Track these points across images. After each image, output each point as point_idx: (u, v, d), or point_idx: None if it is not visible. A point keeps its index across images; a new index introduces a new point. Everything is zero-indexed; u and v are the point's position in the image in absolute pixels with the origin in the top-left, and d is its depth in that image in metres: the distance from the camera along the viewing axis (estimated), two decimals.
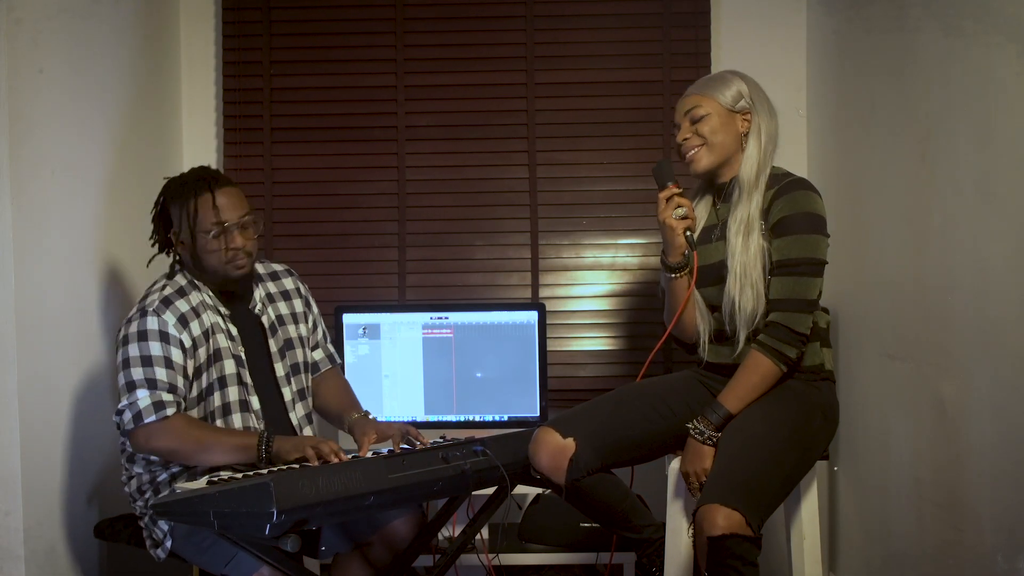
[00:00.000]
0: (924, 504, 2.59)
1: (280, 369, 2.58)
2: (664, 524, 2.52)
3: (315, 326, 2.73)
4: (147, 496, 2.45)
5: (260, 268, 2.67)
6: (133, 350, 2.38)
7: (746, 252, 2.38)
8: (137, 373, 2.37)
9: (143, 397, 2.35)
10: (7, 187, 2.43)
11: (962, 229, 2.39)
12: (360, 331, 3.25)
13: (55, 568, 2.62)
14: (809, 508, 2.57)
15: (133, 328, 2.40)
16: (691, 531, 2.24)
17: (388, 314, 3.26)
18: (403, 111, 3.55)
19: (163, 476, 2.45)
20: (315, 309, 2.74)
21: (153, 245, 2.55)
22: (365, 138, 3.56)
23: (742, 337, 2.42)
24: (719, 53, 3.52)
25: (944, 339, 2.47)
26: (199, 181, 2.46)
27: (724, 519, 2.13)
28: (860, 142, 3.04)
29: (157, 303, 2.42)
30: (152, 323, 2.39)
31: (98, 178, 2.92)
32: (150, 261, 2.55)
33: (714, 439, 2.34)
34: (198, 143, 3.60)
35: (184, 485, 2.28)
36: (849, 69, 3.17)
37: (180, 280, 2.49)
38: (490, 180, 3.56)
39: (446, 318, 3.25)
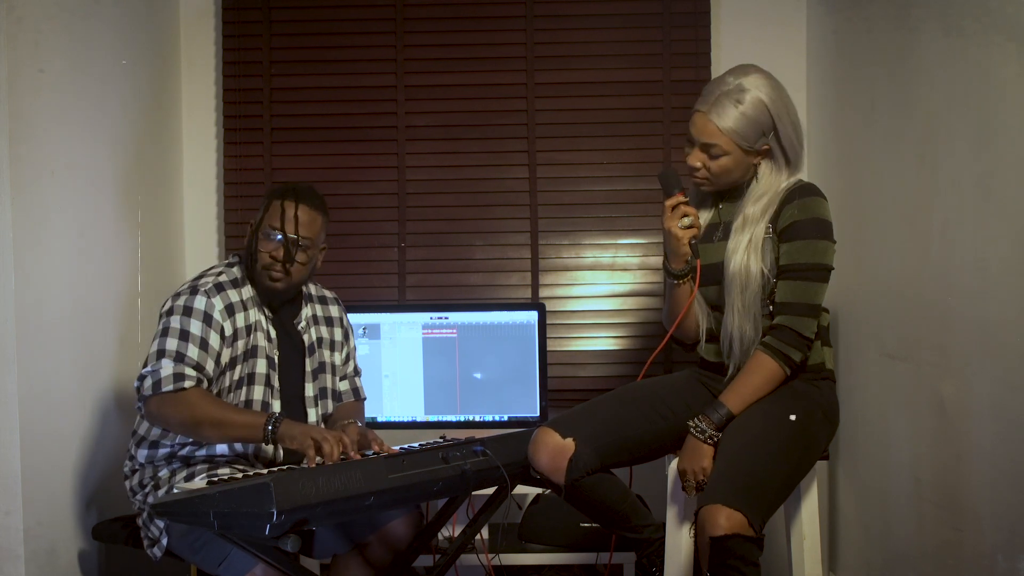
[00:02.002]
0: (924, 504, 2.59)
1: (310, 390, 2.61)
2: (664, 524, 2.52)
3: (348, 358, 2.76)
4: (147, 491, 2.46)
5: (312, 289, 2.71)
6: (175, 321, 2.41)
7: (747, 279, 2.37)
8: (171, 343, 2.38)
9: (166, 366, 2.36)
10: (7, 187, 2.43)
11: (962, 229, 2.38)
12: (360, 331, 3.25)
13: (55, 568, 2.62)
14: (809, 508, 2.57)
15: (181, 301, 2.43)
16: (692, 531, 2.24)
17: (388, 314, 3.26)
18: (403, 111, 3.55)
19: (164, 472, 2.46)
20: (352, 343, 2.77)
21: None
22: (365, 138, 3.56)
23: (732, 368, 2.44)
24: (719, 53, 3.52)
25: (944, 339, 2.47)
26: (290, 190, 2.51)
27: (726, 519, 2.13)
28: (860, 142, 3.04)
29: (210, 285, 2.45)
30: (200, 302, 2.42)
31: (98, 178, 2.92)
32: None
33: (715, 438, 2.34)
34: (198, 143, 3.60)
35: (184, 485, 2.28)
36: (849, 69, 3.16)
37: (236, 272, 2.53)
38: (490, 180, 3.56)
39: (446, 318, 3.25)
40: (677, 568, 2.42)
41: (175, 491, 2.28)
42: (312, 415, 2.60)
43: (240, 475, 2.24)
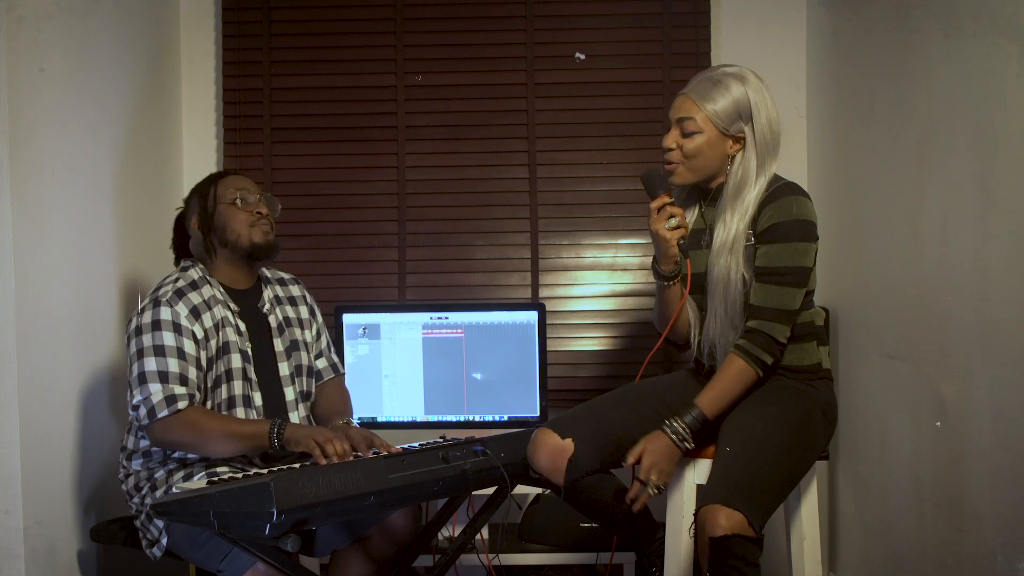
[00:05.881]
0: (924, 504, 2.59)
1: (284, 368, 2.61)
2: (664, 524, 2.52)
3: (319, 334, 2.77)
4: (144, 493, 2.46)
5: (267, 272, 2.72)
6: (147, 340, 2.40)
7: (728, 286, 2.37)
8: (150, 364, 2.38)
9: (156, 391, 2.36)
10: (7, 187, 2.43)
11: (962, 229, 2.39)
12: (360, 331, 3.25)
13: (54, 568, 2.62)
14: (809, 508, 2.57)
15: (147, 318, 2.42)
16: (692, 531, 2.24)
17: (388, 314, 3.26)
18: (403, 111, 3.55)
19: (160, 473, 2.46)
20: (319, 319, 2.78)
21: (174, 252, 2.69)
22: (365, 138, 3.56)
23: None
24: (719, 53, 3.52)
25: (944, 339, 2.47)
26: (217, 174, 2.63)
27: (726, 519, 2.13)
28: (860, 142, 3.04)
29: (171, 294, 2.45)
30: (165, 313, 2.41)
31: (98, 178, 2.92)
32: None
33: (688, 445, 2.30)
34: (198, 143, 3.60)
35: (183, 485, 2.28)
36: (849, 69, 3.17)
37: (193, 274, 2.54)
38: (490, 180, 3.56)
39: (446, 318, 3.25)
40: (677, 568, 2.42)
41: (174, 491, 2.28)
42: (290, 394, 2.59)
43: (240, 475, 2.24)
